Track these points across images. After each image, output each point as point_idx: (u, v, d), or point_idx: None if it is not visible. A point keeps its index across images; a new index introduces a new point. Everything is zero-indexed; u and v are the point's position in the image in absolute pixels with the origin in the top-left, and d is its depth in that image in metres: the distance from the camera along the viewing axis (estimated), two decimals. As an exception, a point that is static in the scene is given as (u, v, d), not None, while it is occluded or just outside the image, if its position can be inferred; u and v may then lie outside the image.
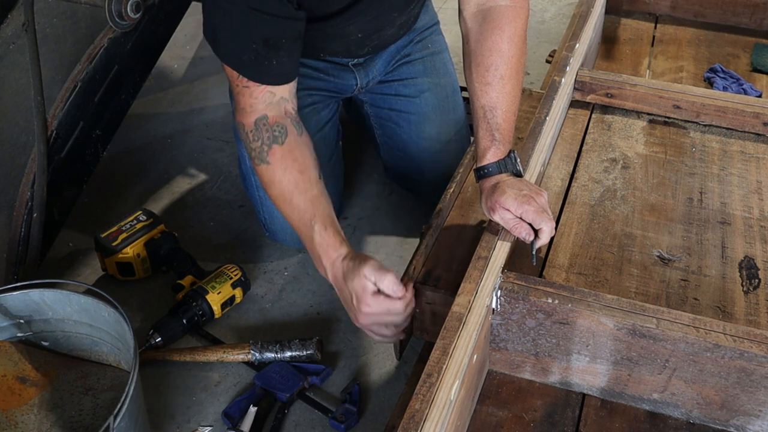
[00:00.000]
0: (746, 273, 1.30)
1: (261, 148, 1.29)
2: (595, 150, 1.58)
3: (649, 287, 1.27)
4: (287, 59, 1.29)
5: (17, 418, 1.31)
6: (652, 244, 1.36)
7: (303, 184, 1.27)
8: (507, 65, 1.31)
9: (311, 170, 1.29)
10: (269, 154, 1.28)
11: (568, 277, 1.28)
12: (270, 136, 1.28)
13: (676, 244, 1.36)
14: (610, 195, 1.46)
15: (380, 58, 1.68)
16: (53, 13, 1.52)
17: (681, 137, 1.62)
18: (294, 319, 1.59)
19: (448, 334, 1.04)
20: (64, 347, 1.39)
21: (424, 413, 0.93)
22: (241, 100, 1.30)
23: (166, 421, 1.38)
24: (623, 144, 1.59)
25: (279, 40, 1.26)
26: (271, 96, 1.29)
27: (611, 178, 1.50)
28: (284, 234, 1.71)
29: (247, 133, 1.30)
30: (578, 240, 1.36)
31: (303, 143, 1.31)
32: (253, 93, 1.28)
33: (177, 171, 2.01)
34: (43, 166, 1.47)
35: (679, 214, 1.42)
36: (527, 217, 1.20)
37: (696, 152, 1.58)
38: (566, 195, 1.46)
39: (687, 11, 2.14)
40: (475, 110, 1.32)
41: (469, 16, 1.37)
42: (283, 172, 1.28)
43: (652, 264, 1.32)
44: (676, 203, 1.45)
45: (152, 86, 2.34)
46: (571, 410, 1.16)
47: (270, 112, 1.29)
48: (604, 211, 1.43)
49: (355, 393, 1.40)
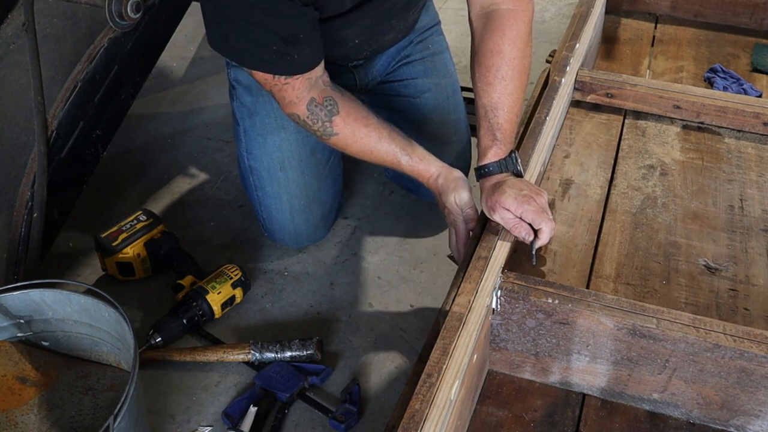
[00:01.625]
0: None
1: (323, 126, 1.38)
2: (631, 156, 1.55)
3: (699, 297, 1.24)
4: (308, 49, 1.31)
5: (17, 418, 1.31)
6: (697, 252, 1.33)
7: (374, 134, 1.39)
8: (508, 66, 1.32)
9: (370, 117, 1.41)
10: (333, 127, 1.38)
11: (616, 288, 1.25)
12: (326, 112, 1.37)
13: (721, 253, 1.33)
14: (651, 203, 1.44)
15: (380, 59, 1.68)
16: (53, 13, 1.52)
17: (716, 143, 1.60)
18: (294, 319, 1.59)
19: (448, 334, 1.04)
20: (64, 347, 1.39)
21: (424, 413, 0.93)
22: (286, 96, 1.35)
23: (166, 421, 1.38)
24: (659, 150, 1.57)
25: (297, 36, 1.27)
26: (310, 81, 1.35)
27: (650, 185, 1.48)
28: (282, 234, 1.71)
29: (304, 120, 1.38)
30: (623, 249, 1.33)
31: (349, 100, 1.40)
32: (295, 86, 1.33)
33: (177, 171, 2.01)
34: (43, 166, 1.47)
35: (722, 222, 1.39)
36: (527, 217, 1.20)
37: (732, 158, 1.55)
38: (606, 203, 1.43)
39: (687, 11, 2.14)
40: (477, 109, 1.33)
41: (474, 17, 1.39)
42: (353, 134, 1.39)
43: (699, 273, 1.28)
44: (718, 210, 1.42)
45: (152, 86, 2.34)
46: (571, 410, 1.16)
47: (315, 93, 1.36)
48: (646, 219, 1.40)
49: (355, 393, 1.40)
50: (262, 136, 1.62)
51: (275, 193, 1.66)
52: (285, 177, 1.64)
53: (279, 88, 1.33)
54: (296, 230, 1.70)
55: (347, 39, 1.49)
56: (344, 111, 1.38)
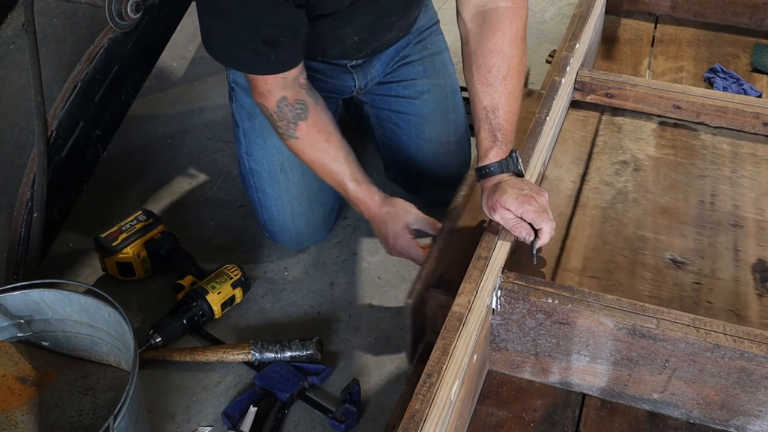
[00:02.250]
0: (759, 276, 1.29)
1: (287, 126, 1.39)
2: (605, 152, 1.57)
3: (663, 291, 1.26)
4: (287, 53, 1.32)
5: (17, 418, 1.31)
6: (664, 247, 1.34)
7: (331, 150, 1.42)
8: (508, 66, 1.31)
9: (335, 135, 1.42)
10: (296, 130, 1.40)
11: (581, 281, 1.27)
12: (294, 114, 1.38)
13: (688, 247, 1.34)
14: (622, 198, 1.45)
15: (379, 60, 1.68)
16: (53, 13, 1.52)
17: (691, 139, 1.61)
18: (294, 319, 1.59)
19: (448, 334, 1.04)
20: (64, 347, 1.39)
21: (424, 413, 0.93)
22: (257, 86, 1.37)
23: (166, 421, 1.38)
24: (634, 146, 1.58)
25: (277, 39, 1.27)
26: (284, 80, 1.35)
27: (622, 181, 1.49)
28: (283, 234, 1.71)
29: (271, 114, 1.39)
30: (591, 243, 1.35)
31: (321, 111, 1.42)
32: (267, 80, 1.35)
33: (177, 171, 2.01)
34: (43, 166, 1.47)
35: (691, 217, 1.41)
36: (527, 216, 1.20)
37: (707, 154, 1.57)
38: (578, 198, 1.45)
39: (687, 11, 2.14)
40: (477, 111, 1.32)
41: (468, 18, 1.37)
42: (312, 144, 1.41)
43: (665, 267, 1.30)
44: (688, 206, 1.44)
45: (152, 86, 2.34)
46: (571, 410, 1.16)
47: (288, 93, 1.37)
48: (616, 213, 1.41)
49: (355, 393, 1.40)
50: (262, 137, 1.62)
51: (276, 195, 1.66)
52: (285, 179, 1.64)
53: (252, 76, 1.36)
54: (297, 231, 1.70)
55: (347, 37, 1.49)
56: (312, 119, 1.40)
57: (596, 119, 1.66)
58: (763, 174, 1.52)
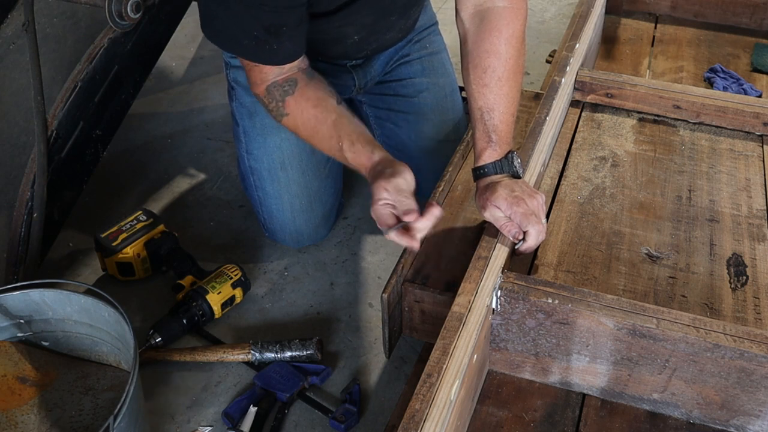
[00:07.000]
0: (734, 270, 1.31)
1: (277, 106, 1.34)
2: (584, 148, 1.58)
3: (637, 285, 1.28)
4: (290, 43, 1.31)
5: (17, 418, 1.31)
6: (640, 241, 1.36)
7: (321, 115, 1.31)
8: (504, 67, 1.31)
9: (327, 100, 1.33)
10: (285, 107, 1.34)
11: (556, 275, 1.28)
12: (281, 92, 1.33)
13: (664, 242, 1.36)
14: (599, 193, 1.47)
15: (378, 59, 1.68)
16: (53, 13, 1.52)
17: (670, 135, 1.62)
18: (294, 319, 1.59)
19: (448, 334, 1.04)
20: (64, 347, 1.39)
21: (424, 413, 0.93)
22: (252, 76, 1.35)
23: (166, 421, 1.38)
24: (613, 142, 1.60)
25: (280, 27, 1.27)
26: (281, 70, 1.33)
27: (600, 176, 1.51)
28: (283, 233, 1.71)
29: (262, 99, 1.36)
30: (567, 238, 1.37)
31: (314, 83, 1.35)
32: (263, 70, 1.33)
33: (177, 171, 2.01)
34: (43, 166, 1.47)
35: (668, 212, 1.43)
36: (515, 218, 1.21)
37: (685, 150, 1.58)
38: (555, 193, 1.47)
39: (687, 11, 2.14)
40: (473, 111, 1.32)
41: (466, 17, 1.37)
42: (301, 114, 1.33)
43: (641, 262, 1.32)
44: (665, 201, 1.45)
45: (152, 86, 2.34)
46: (571, 410, 1.16)
47: (280, 77, 1.34)
48: (592, 209, 1.43)
49: (355, 393, 1.40)
50: (262, 136, 1.62)
51: (276, 194, 1.66)
52: (286, 177, 1.64)
53: (250, 68, 1.34)
54: (297, 230, 1.70)
55: (347, 36, 1.49)
56: (300, 92, 1.33)
57: (576, 115, 1.67)
58: (740, 169, 1.54)
